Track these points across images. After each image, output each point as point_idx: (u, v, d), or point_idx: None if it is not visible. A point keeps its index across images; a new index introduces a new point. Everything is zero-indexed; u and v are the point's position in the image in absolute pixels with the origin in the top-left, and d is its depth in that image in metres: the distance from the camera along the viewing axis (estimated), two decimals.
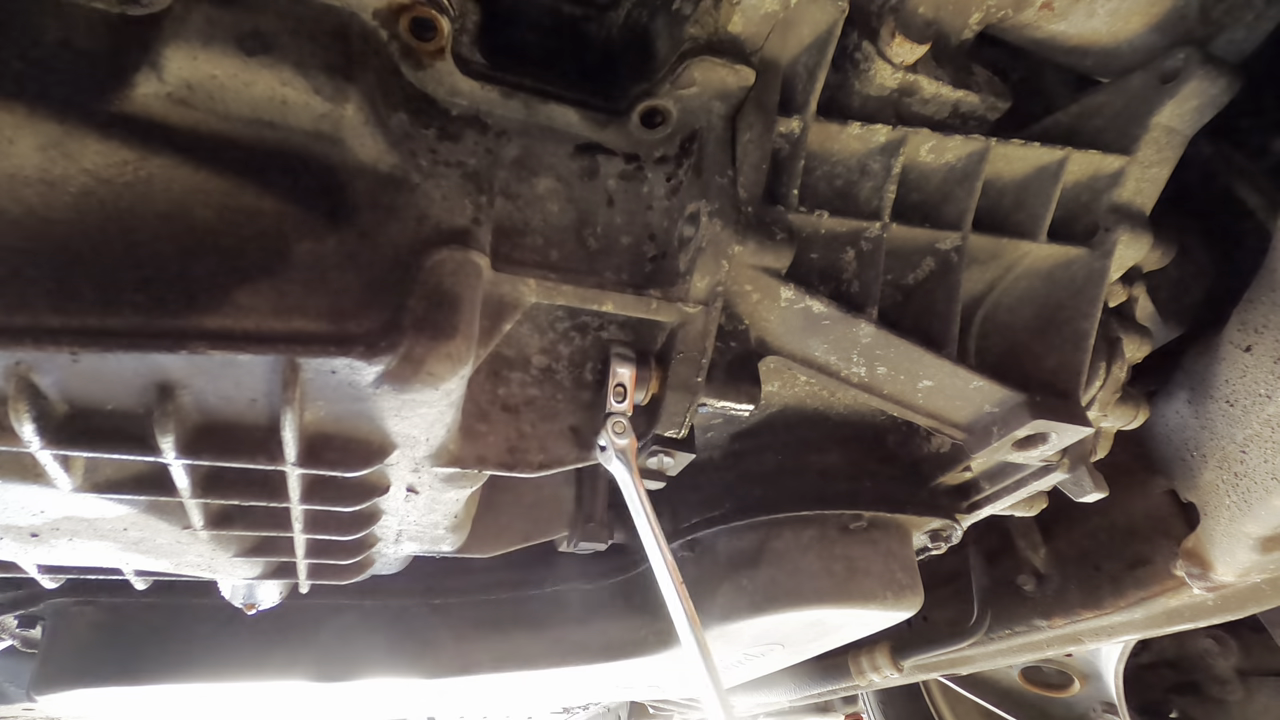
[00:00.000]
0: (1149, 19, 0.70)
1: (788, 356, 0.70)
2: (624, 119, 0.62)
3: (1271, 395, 0.76)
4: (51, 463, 0.53)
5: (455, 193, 0.57)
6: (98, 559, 0.73)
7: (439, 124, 0.58)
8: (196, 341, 0.46)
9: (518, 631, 1.15)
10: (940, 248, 0.72)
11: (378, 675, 1.11)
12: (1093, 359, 0.77)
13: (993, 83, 0.73)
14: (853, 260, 0.71)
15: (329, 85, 0.51)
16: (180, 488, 0.58)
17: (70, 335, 0.44)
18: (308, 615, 1.09)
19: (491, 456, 0.64)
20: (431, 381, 0.51)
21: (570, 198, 0.63)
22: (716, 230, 0.59)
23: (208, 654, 1.07)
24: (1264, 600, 1.03)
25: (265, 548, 0.74)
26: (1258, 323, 0.75)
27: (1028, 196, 0.74)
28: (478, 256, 0.54)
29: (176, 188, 0.48)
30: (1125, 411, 0.87)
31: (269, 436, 0.55)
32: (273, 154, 0.52)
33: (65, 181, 0.46)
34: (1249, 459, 0.82)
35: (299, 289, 0.49)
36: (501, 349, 0.66)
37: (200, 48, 0.48)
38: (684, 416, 0.68)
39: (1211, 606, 1.08)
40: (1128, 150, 0.72)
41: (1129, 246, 0.74)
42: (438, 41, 0.55)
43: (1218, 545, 0.93)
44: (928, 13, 0.66)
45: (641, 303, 0.61)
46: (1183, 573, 1.00)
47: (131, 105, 0.48)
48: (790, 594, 0.90)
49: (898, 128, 0.67)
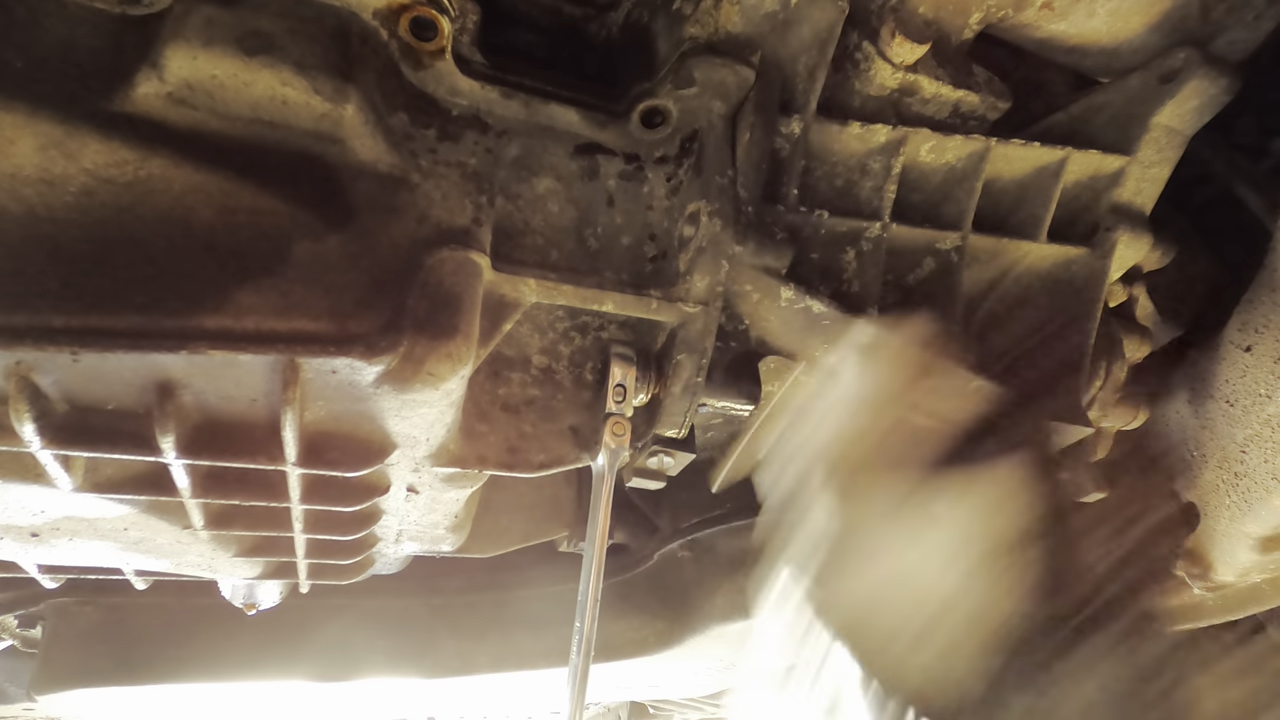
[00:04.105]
0: (1149, 19, 0.70)
1: (788, 356, 0.70)
2: (624, 119, 0.62)
3: (1271, 395, 0.76)
4: (52, 463, 0.53)
5: (455, 193, 0.57)
6: (98, 559, 0.73)
7: (439, 124, 0.58)
8: (197, 341, 0.46)
9: (518, 631, 1.15)
10: (940, 248, 0.72)
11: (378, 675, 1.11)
12: (1093, 359, 0.77)
13: (993, 83, 0.73)
14: (853, 260, 0.71)
15: (329, 85, 0.51)
16: (180, 488, 0.58)
17: (71, 335, 0.44)
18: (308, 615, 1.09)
19: (492, 456, 0.64)
20: (432, 381, 0.51)
21: (570, 198, 0.63)
22: (716, 230, 0.59)
23: (208, 654, 1.07)
24: (1264, 600, 1.03)
25: (265, 548, 0.74)
26: (1258, 323, 0.75)
27: (1028, 196, 0.74)
28: (478, 256, 0.54)
29: (177, 188, 0.48)
30: (1125, 411, 0.87)
31: (269, 436, 0.55)
32: (273, 154, 0.52)
33: (66, 181, 0.46)
34: (1249, 459, 0.82)
35: (299, 289, 0.49)
36: (502, 349, 0.66)
37: (200, 48, 0.48)
38: (684, 416, 0.68)
39: (1211, 606, 1.08)
40: (1128, 150, 0.72)
41: (1129, 246, 0.74)
42: (438, 41, 0.55)
43: (1218, 545, 0.93)
44: (928, 13, 0.66)
45: (641, 303, 0.61)
46: (1183, 573, 1.00)
47: (132, 105, 0.48)
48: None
49: (898, 128, 0.67)
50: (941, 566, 0.52)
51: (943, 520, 0.52)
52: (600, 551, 0.68)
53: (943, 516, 0.51)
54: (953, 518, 0.52)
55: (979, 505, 0.53)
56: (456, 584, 1.17)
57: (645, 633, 1.12)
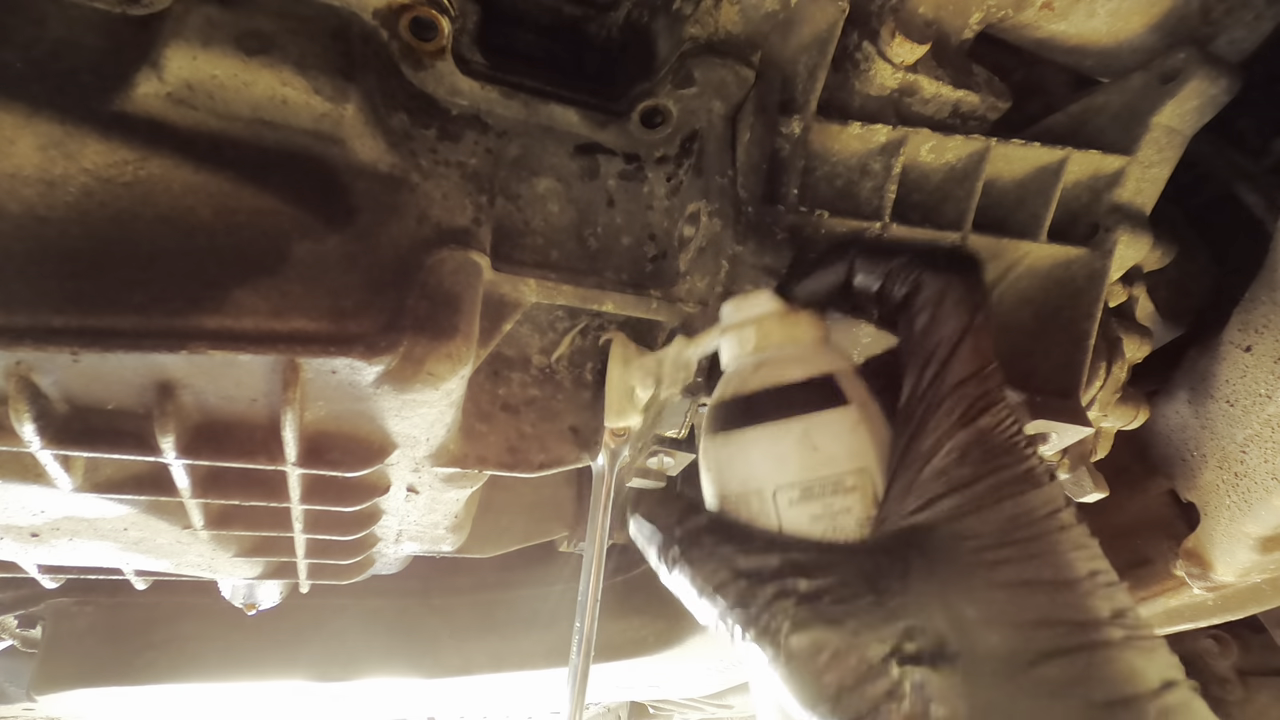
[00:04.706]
0: (1149, 19, 0.70)
1: None
2: (624, 119, 0.62)
3: (1271, 395, 0.76)
4: (52, 463, 0.53)
5: (455, 193, 0.57)
6: (98, 559, 0.73)
7: (439, 124, 0.58)
8: (197, 341, 0.46)
9: (518, 631, 1.15)
10: (941, 247, 0.72)
11: (378, 675, 1.11)
12: (1093, 359, 0.77)
13: (993, 83, 0.73)
14: None
15: (329, 85, 0.51)
16: (180, 488, 0.58)
17: (71, 335, 0.44)
18: (308, 615, 1.09)
19: (492, 456, 0.64)
20: (432, 381, 0.51)
21: (570, 198, 0.63)
22: (717, 230, 0.59)
23: (207, 654, 1.07)
24: (1264, 600, 1.03)
25: (265, 548, 0.74)
26: (1258, 323, 0.75)
27: (1028, 196, 0.74)
28: (478, 256, 0.54)
29: (177, 188, 0.48)
30: (1125, 411, 0.87)
31: (269, 436, 0.55)
32: (273, 154, 0.52)
33: (65, 181, 0.46)
34: (1249, 459, 0.82)
35: (299, 289, 0.49)
36: (502, 349, 0.66)
37: (200, 48, 0.48)
38: (684, 416, 0.68)
39: (1211, 606, 1.08)
40: (1128, 150, 0.72)
41: (1129, 246, 0.74)
42: (438, 41, 0.55)
43: (1218, 545, 0.93)
44: (928, 13, 0.67)
45: (642, 303, 0.61)
46: (1183, 573, 1.00)
47: (132, 105, 0.48)
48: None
49: (898, 128, 0.67)
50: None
51: None
52: (600, 551, 0.68)
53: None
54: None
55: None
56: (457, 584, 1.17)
57: (645, 633, 1.12)
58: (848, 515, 0.46)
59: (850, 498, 0.46)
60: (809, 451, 0.47)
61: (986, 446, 0.43)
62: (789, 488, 0.47)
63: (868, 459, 0.47)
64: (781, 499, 0.47)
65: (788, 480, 0.47)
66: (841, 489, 0.46)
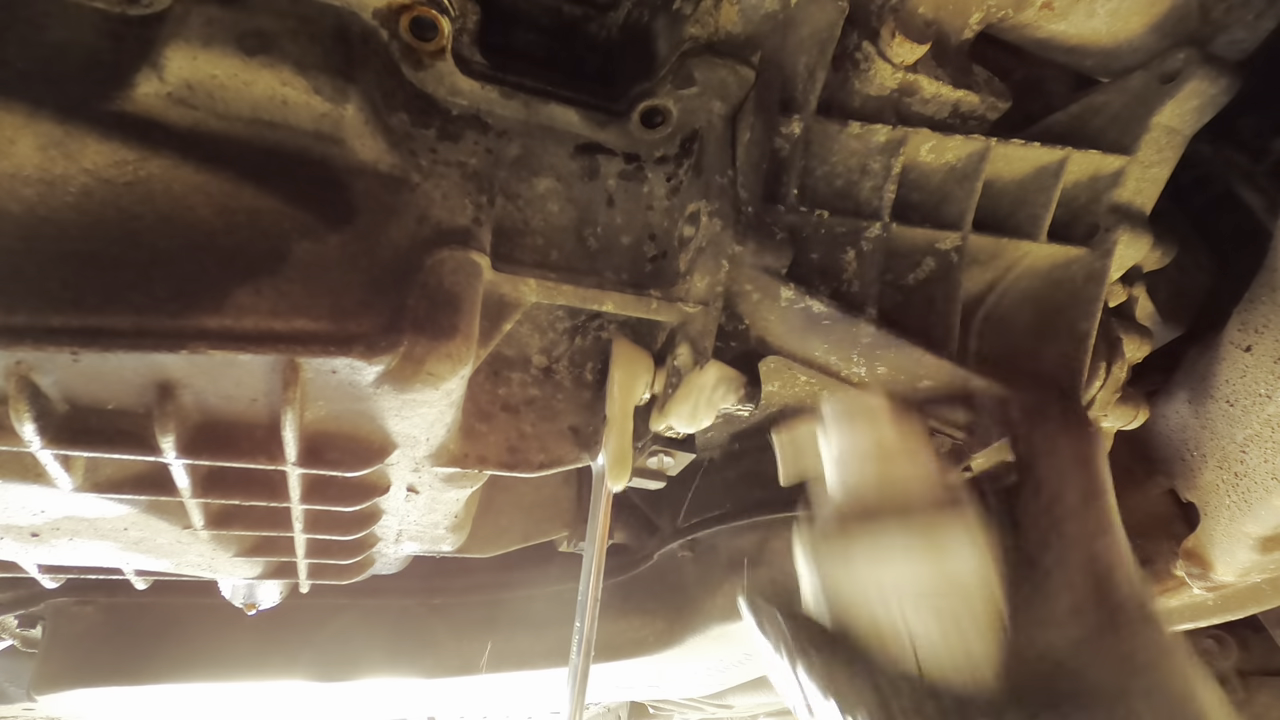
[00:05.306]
0: (1149, 19, 0.70)
1: (788, 356, 0.70)
2: (624, 119, 0.62)
3: (1271, 395, 0.76)
4: (52, 462, 0.53)
5: (455, 193, 0.57)
6: (98, 559, 0.73)
7: (439, 124, 0.58)
8: (197, 341, 0.46)
9: (518, 631, 1.15)
10: (940, 248, 0.72)
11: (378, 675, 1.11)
12: (1093, 359, 0.77)
13: (993, 83, 0.73)
14: (853, 260, 0.71)
15: (329, 85, 0.51)
16: (180, 487, 0.58)
17: (71, 335, 0.44)
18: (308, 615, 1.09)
19: (492, 456, 0.64)
20: (432, 381, 0.51)
21: (570, 198, 0.63)
22: (716, 230, 0.59)
23: (208, 654, 1.07)
24: (1264, 600, 1.03)
25: (265, 547, 0.74)
26: (1258, 323, 0.75)
27: (1028, 196, 0.74)
28: (478, 256, 0.54)
29: (177, 188, 0.48)
30: (1125, 411, 0.87)
31: (269, 436, 0.55)
32: (273, 154, 0.52)
33: (66, 181, 0.46)
34: (1249, 459, 0.82)
35: (299, 289, 0.49)
36: (502, 349, 0.66)
37: (200, 48, 0.48)
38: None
39: (1211, 606, 1.08)
40: (1128, 150, 0.72)
41: (1129, 246, 0.74)
42: (438, 41, 0.55)
43: (1218, 545, 0.93)
44: (928, 13, 0.67)
45: (642, 303, 0.61)
46: (1183, 573, 1.00)
47: (132, 105, 0.48)
48: (791, 593, 0.90)
49: (898, 128, 0.67)
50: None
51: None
52: (600, 551, 0.68)
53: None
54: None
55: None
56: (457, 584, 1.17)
57: (645, 633, 1.12)
58: (973, 625, 0.47)
59: (976, 609, 0.47)
60: (935, 563, 0.48)
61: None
62: (916, 598, 0.47)
63: (989, 572, 0.48)
64: (909, 609, 0.48)
65: (915, 591, 0.48)
66: (969, 600, 0.47)
